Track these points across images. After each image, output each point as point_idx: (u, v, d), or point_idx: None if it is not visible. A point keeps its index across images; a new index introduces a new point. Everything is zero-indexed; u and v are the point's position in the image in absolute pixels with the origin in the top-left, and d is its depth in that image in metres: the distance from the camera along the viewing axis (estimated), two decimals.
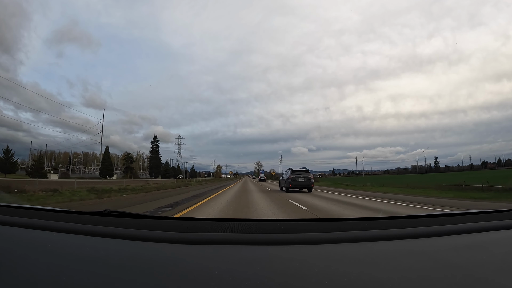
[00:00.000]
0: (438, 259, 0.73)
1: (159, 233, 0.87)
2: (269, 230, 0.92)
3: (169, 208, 7.71)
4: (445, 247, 0.83)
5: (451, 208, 7.34)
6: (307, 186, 15.50)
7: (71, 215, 1.08)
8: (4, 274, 0.64)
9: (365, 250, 0.80)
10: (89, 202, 9.24)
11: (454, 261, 0.73)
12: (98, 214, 1.05)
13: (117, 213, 1.06)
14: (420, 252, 0.79)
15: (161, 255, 0.76)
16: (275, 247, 0.81)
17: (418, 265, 0.71)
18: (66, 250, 0.80)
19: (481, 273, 0.67)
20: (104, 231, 0.90)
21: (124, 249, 0.81)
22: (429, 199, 10.80)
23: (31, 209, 1.17)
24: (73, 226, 0.94)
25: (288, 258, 0.75)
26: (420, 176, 65.11)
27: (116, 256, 0.77)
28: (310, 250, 0.80)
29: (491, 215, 1.12)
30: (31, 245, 0.83)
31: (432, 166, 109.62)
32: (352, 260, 0.74)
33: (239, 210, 7.56)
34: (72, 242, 0.85)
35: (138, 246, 0.82)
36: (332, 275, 0.66)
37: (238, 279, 0.63)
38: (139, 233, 0.88)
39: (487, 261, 0.74)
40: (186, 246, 0.81)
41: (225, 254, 0.76)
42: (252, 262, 0.72)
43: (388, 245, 0.84)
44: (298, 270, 0.68)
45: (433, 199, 10.73)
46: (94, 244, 0.82)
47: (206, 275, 0.65)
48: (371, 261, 0.73)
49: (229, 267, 0.68)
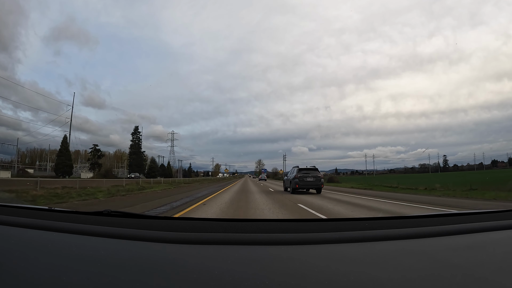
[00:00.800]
0: (438, 259, 0.73)
1: (159, 233, 0.87)
2: (269, 230, 0.92)
3: None
4: (445, 247, 0.83)
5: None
6: (317, 186, 13.57)
7: (71, 215, 1.09)
8: (4, 274, 0.64)
9: (365, 250, 0.80)
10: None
11: (455, 261, 0.73)
12: (98, 214, 1.05)
13: (117, 213, 1.06)
14: (420, 252, 0.79)
15: (161, 255, 0.76)
16: (275, 247, 0.81)
17: (418, 265, 0.71)
18: (66, 250, 0.80)
19: (481, 273, 0.67)
20: (104, 231, 0.90)
21: (124, 249, 0.81)
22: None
23: (31, 209, 1.18)
24: (73, 226, 0.94)
25: (288, 258, 0.75)
26: (434, 175, 63.38)
27: (116, 256, 0.77)
28: (310, 250, 0.80)
29: (491, 215, 1.12)
30: (31, 245, 0.82)
31: (440, 165, 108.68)
32: (352, 260, 0.74)
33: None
34: (72, 242, 0.85)
35: (138, 246, 0.82)
36: (332, 275, 0.66)
37: (238, 279, 0.63)
38: (139, 233, 0.88)
39: (487, 261, 0.74)
40: (186, 246, 0.81)
41: (225, 254, 0.76)
42: (252, 262, 0.73)
43: (389, 245, 0.84)
44: (298, 270, 0.68)
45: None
46: (94, 244, 0.82)
47: (206, 275, 0.65)
48: (371, 261, 0.73)
49: (229, 267, 0.69)
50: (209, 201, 9.53)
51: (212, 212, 6.93)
